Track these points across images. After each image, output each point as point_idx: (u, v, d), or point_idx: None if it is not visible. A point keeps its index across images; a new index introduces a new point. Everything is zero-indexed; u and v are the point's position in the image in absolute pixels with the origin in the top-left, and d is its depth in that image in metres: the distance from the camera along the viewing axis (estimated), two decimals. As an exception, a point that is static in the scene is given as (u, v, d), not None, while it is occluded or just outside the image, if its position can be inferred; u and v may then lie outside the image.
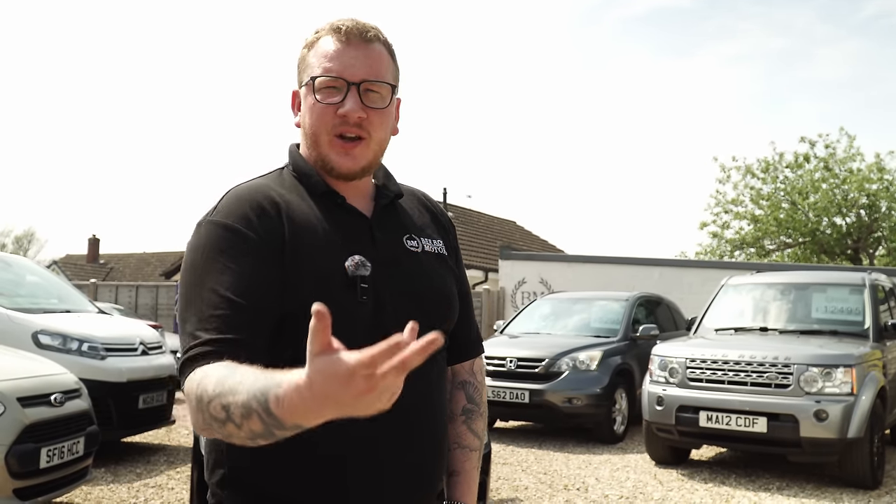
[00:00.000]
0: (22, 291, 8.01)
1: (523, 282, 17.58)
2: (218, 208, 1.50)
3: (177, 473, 7.14)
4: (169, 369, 8.00)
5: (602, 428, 9.41)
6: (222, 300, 1.38)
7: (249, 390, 1.15)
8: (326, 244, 1.48)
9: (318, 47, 1.55)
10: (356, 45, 1.53)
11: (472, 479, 1.74)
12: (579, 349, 9.64)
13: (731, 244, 30.40)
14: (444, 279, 1.65)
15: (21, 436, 4.70)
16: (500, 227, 30.42)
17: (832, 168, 28.53)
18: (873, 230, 28.72)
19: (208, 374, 1.26)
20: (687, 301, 13.28)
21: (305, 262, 1.45)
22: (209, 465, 1.54)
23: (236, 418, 1.18)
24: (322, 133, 1.53)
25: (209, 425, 1.25)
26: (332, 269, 1.46)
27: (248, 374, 1.20)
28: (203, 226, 1.49)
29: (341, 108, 1.50)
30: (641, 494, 6.87)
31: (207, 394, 1.23)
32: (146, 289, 20.68)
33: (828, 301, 8.63)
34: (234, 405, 1.17)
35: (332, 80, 1.51)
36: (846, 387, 6.92)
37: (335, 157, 1.53)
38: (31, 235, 55.50)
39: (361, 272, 1.47)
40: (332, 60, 1.52)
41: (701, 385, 7.52)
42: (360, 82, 1.51)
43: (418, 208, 1.73)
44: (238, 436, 1.21)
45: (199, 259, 1.45)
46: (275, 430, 1.14)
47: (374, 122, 1.53)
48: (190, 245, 1.49)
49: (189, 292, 1.43)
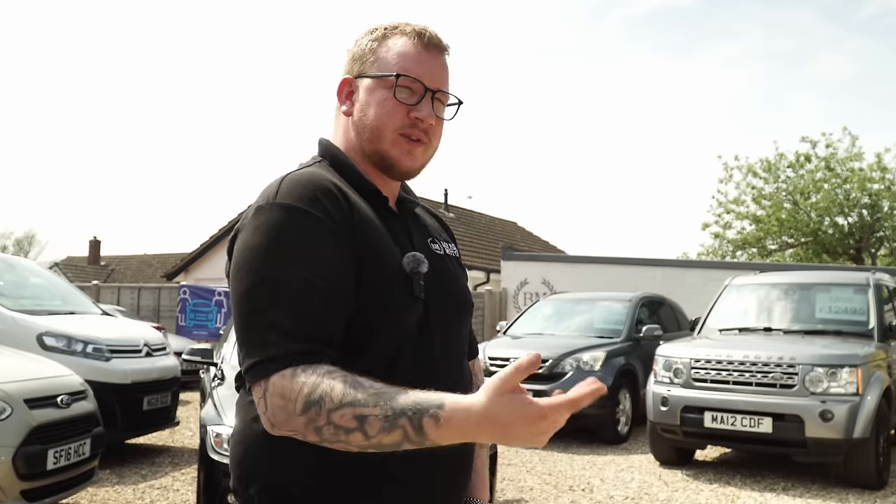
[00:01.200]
0: (26, 293, 8.01)
1: (525, 282, 17.56)
2: (281, 192, 1.40)
3: (182, 475, 7.14)
4: (173, 371, 8.01)
5: (606, 429, 9.40)
6: (306, 289, 1.33)
7: (396, 406, 1.21)
8: (384, 241, 1.48)
9: (394, 45, 1.55)
10: (434, 53, 1.56)
11: (484, 476, 1.79)
12: (583, 350, 9.64)
13: (733, 244, 30.38)
14: (464, 280, 1.71)
15: (28, 437, 4.69)
16: (502, 227, 30.39)
17: (834, 168, 28.50)
18: (875, 230, 28.69)
19: (325, 381, 1.25)
20: (689, 301, 13.27)
21: (372, 255, 1.43)
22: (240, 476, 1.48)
23: (371, 430, 1.21)
24: (388, 129, 1.52)
25: (316, 430, 1.25)
26: (394, 263, 1.47)
27: (381, 387, 1.24)
28: (270, 208, 1.39)
29: (415, 111, 1.51)
30: (646, 495, 6.87)
31: (332, 401, 1.23)
32: (148, 290, 20.66)
33: (832, 301, 8.62)
34: (374, 417, 1.21)
35: (412, 82, 1.52)
36: (851, 387, 6.91)
37: (397, 154, 1.53)
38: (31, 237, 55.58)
39: (421, 269, 1.49)
40: (414, 63, 1.53)
41: (705, 385, 7.52)
42: (437, 90, 1.54)
43: (426, 215, 1.76)
44: (355, 444, 1.24)
45: (272, 243, 1.35)
46: (407, 444, 1.22)
47: (437, 130, 1.57)
48: (255, 227, 1.38)
49: (262, 278, 1.34)
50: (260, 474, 1.45)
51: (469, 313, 1.69)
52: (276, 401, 1.27)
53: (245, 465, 1.48)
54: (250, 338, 1.33)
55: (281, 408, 1.27)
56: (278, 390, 1.27)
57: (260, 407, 1.32)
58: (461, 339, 1.63)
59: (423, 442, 1.20)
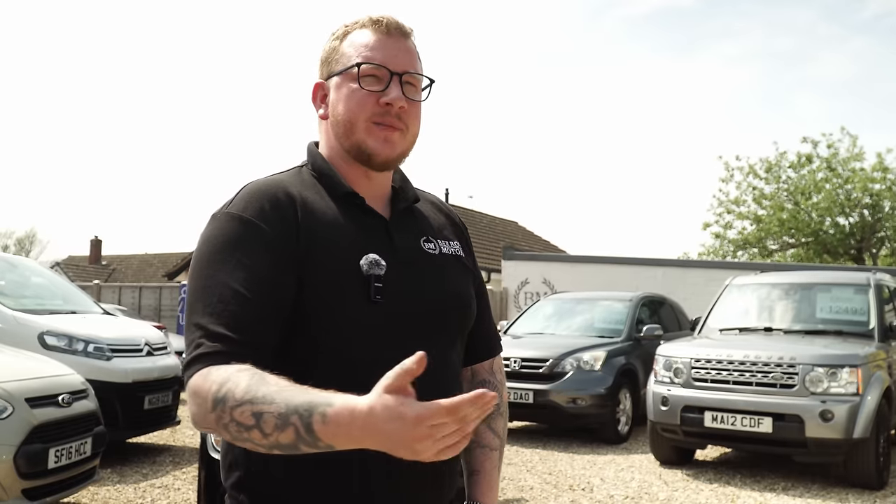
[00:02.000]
0: (27, 293, 8.02)
1: (526, 282, 17.58)
2: (234, 201, 1.48)
3: (183, 474, 7.15)
4: (174, 370, 8.01)
5: (606, 428, 9.41)
6: (235, 295, 1.36)
7: (290, 403, 1.18)
8: (342, 242, 1.47)
9: (354, 38, 1.54)
10: (396, 37, 1.54)
11: (492, 479, 1.72)
12: (583, 349, 9.65)
13: (733, 244, 30.39)
14: (461, 281, 1.64)
15: (29, 436, 4.71)
16: (503, 227, 30.40)
17: (835, 168, 28.50)
18: (876, 230, 28.69)
19: (232, 379, 1.25)
20: (690, 301, 13.28)
21: (320, 260, 1.43)
22: (225, 466, 1.53)
23: (267, 427, 1.19)
24: (360, 120, 1.50)
25: (224, 427, 1.25)
26: (347, 267, 1.45)
27: (285, 385, 1.22)
28: (218, 218, 1.46)
29: (384, 96, 1.49)
30: (647, 495, 6.87)
31: (234, 398, 1.22)
32: (149, 290, 20.68)
33: (833, 301, 8.63)
34: (269, 414, 1.19)
35: (376, 69, 1.50)
36: (852, 387, 6.92)
37: (372, 143, 1.51)
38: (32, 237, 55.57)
39: (375, 271, 1.45)
40: (375, 50, 1.51)
41: (706, 385, 7.53)
42: (403, 73, 1.51)
43: (433, 212, 1.72)
44: (257, 443, 1.22)
45: (212, 251, 1.42)
46: (303, 445, 1.18)
47: (411, 113, 1.53)
48: (203, 236, 1.46)
49: (200, 284, 1.40)
50: (238, 466, 1.49)
51: (461, 316, 1.62)
52: (195, 399, 1.29)
53: (227, 456, 1.52)
54: (186, 340, 1.39)
55: (198, 405, 1.28)
56: (194, 389, 1.30)
57: (189, 411, 1.34)
58: (445, 345, 1.56)
59: (315, 442, 1.16)
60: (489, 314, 1.80)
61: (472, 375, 1.75)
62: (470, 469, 1.73)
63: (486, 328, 1.76)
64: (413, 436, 1.07)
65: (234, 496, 1.50)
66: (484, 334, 1.75)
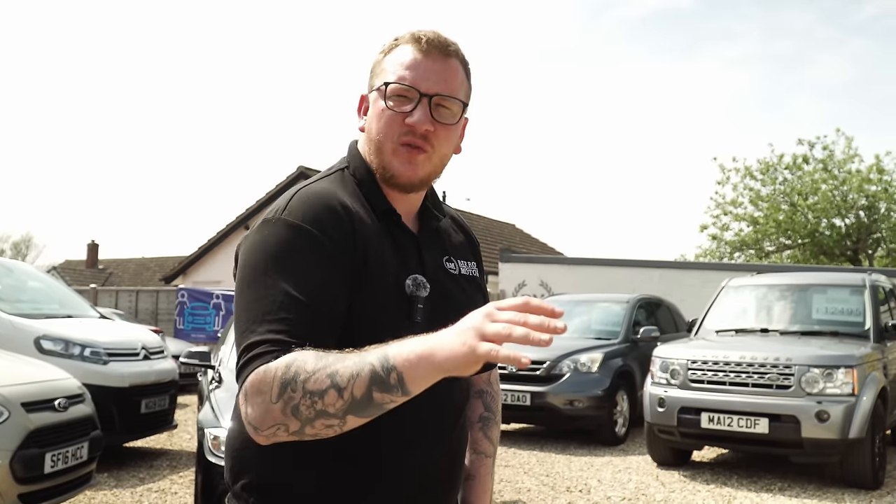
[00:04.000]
0: (24, 297, 8.02)
1: (523, 284, 17.58)
2: (290, 208, 1.44)
3: (180, 478, 7.15)
4: (171, 374, 8.02)
5: (604, 430, 9.42)
6: (293, 302, 1.34)
7: (364, 354, 1.21)
8: (389, 259, 1.48)
9: (395, 54, 1.53)
10: (434, 57, 1.51)
11: (486, 484, 1.77)
12: (580, 351, 9.66)
13: (730, 246, 30.40)
14: (476, 302, 1.65)
15: (25, 441, 4.70)
16: (500, 229, 30.42)
17: (831, 169, 28.55)
18: (872, 231, 28.73)
19: (299, 358, 1.25)
20: (687, 303, 13.29)
21: (372, 274, 1.44)
22: (233, 469, 1.53)
23: (342, 380, 1.19)
24: (387, 140, 1.50)
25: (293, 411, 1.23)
26: (394, 285, 1.46)
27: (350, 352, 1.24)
28: (273, 223, 1.43)
29: (409, 117, 1.48)
30: (644, 496, 6.88)
31: (306, 370, 1.22)
32: (146, 293, 20.67)
33: (828, 302, 8.65)
34: (344, 368, 1.20)
35: (405, 90, 1.49)
36: (847, 387, 6.93)
37: (398, 166, 1.50)
38: (29, 241, 55.47)
39: (420, 293, 1.47)
40: (409, 69, 1.49)
41: (702, 386, 7.54)
42: (433, 95, 1.49)
43: (454, 229, 1.73)
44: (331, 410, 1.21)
45: (268, 257, 1.40)
46: (377, 390, 1.18)
47: (440, 136, 1.51)
48: (256, 241, 1.43)
49: (255, 290, 1.38)
50: (246, 472, 1.50)
51: None
52: (255, 399, 1.27)
53: (235, 461, 1.53)
54: (238, 342, 1.37)
55: (259, 405, 1.26)
56: (255, 384, 1.27)
57: (243, 413, 1.31)
58: None
59: (389, 375, 1.17)
60: None
61: (469, 386, 1.79)
62: (465, 474, 1.77)
63: None
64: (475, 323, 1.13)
65: (242, 497, 1.50)
66: None
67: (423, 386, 1.18)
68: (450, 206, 1.80)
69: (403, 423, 1.44)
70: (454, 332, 1.14)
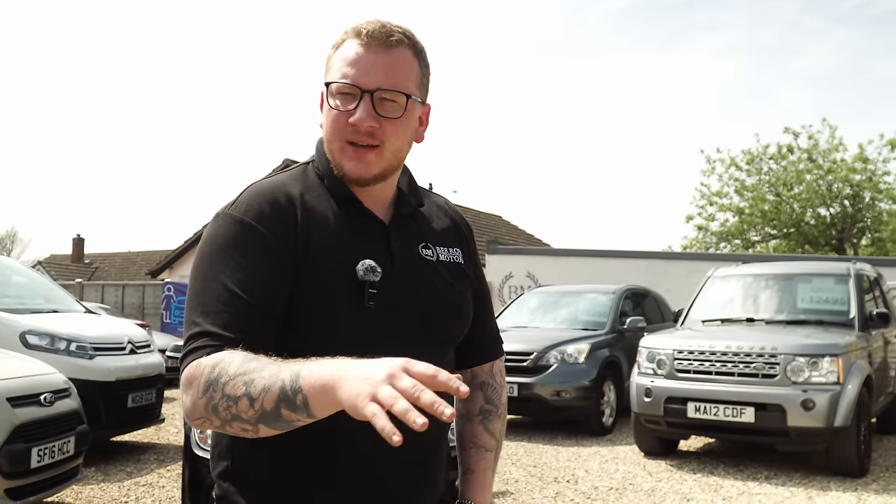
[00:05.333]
0: (8, 292, 7.97)
1: (510, 276, 17.62)
2: (237, 203, 1.49)
3: (167, 472, 7.13)
4: (157, 368, 7.99)
5: (591, 420, 9.46)
6: (232, 296, 1.38)
7: (282, 366, 1.21)
8: (340, 246, 1.48)
9: (341, 50, 1.51)
10: (375, 50, 1.48)
11: (485, 479, 1.73)
12: (567, 342, 9.68)
13: (716, 236, 30.54)
14: (456, 289, 1.64)
15: (11, 436, 4.69)
16: (487, 221, 30.43)
17: (815, 159, 28.69)
18: (857, 220, 28.91)
19: (225, 359, 1.28)
20: (673, 293, 13.34)
21: (317, 263, 1.45)
22: (213, 457, 1.57)
23: (255, 390, 1.21)
24: (335, 139, 1.50)
25: (213, 410, 1.26)
26: (343, 272, 1.46)
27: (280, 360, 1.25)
28: (221, 218, 1.48)
29: (353, 116, 1.47)
30: (631, 486, 6.91)
31: (227, 374, 1.25)
32: (132, 288, 20.61)
33: (813, 291, 8.70)
34: (260, 378, 1.21)
35: (347, 87, 1.47)
36: (832, 376, 6.98)
37: (347, 163, 1.50)
38: (13, 236, 55.07)
39: (370, 277, 1.46)
40: (351, 66, 1.48)
41: (688, 376, 7.58)
42: (374, 90, 1.47)
43: (437, 216, 1.71)
44: (244, 417, 1.23)
45: (212, 251, 1.45)
46: (285, 407, 1.19)
47: (387, 131, 1.49)
48: (206, 235, 1.48)
49: (199, 283, 1.43)
50: (224, 457, 1.54)
51: (453, 323, 1.62)
52: (187, 390, 1.32)
53: (214, 450, 1.57)
54: (184, 336, 1.42)
55: (189, 396, 1.31)
56: (188, 378, 1.32)
57: (181, 400, 1.36)
58: (435, 352, 1.54)
59: (296, 395, 1.17)
60: (491, 317, 1.81)
61: (471, 377, 1.77)
62: (464, 468, 1.75)
63: (487, 331, 1.78)
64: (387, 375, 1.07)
65: (220, 485, 1.54)
66: (484, 337, 1.77)
67: (327, 413, 1.18)
68: (438, 195, 1.79)
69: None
70: (360, 377, 1.10)
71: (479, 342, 1.75)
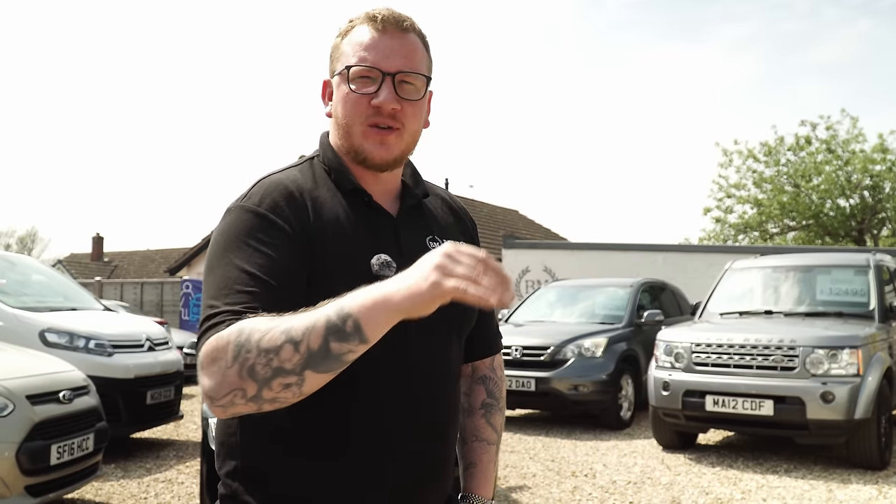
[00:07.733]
0: (28, 290, 8.04)
1: (527, 270, 17.57)
2: (249, 195, 1.47)
3: (186, 468, 7.17)
4: (176, 365, 8.04)
5: (608, 414, 9.43)
6: (250, 277, 1.35)
7: (316, 309, 1.21)
8: (353, 242, 1.47)
9: (352, 36, 1.52)
10: (392, 34, 1.51)
11: (488, 472, 1.73)
12: (584, 336, 9.66)
13: (734, 228, 30.39)
14: None
15: (31, 433, 4.73)
16: (503, 216, 30.40)
17: (834, 150, 28.47)
18: (877, 211, 28.69)
19: (250, 322, 1.24)
20: (691, 286, 13.28)
21: (332, 258, 1.44)
22: (220, 456, 1.54)
23: (297, 333, 1.19)
24: (356, 123, 1.50)
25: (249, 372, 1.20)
26: (358, 267, 1.45)
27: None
28: (233, 211, 1.46)
29: (375, 98, 1.47)
30: (649, 479, 6.89)
31: (259, 330, 1.21)
32: (151, 285, 20.73)
33: (832, 283, 8.62)
34: (299, 322, 1.20)
35: (368, 70, 1.48)
36: (852, 368, 6.92)
37: (369, 147, 1.50)
38: (34, 235, 55.63)
39: (386, 273, 1.45)
40: (368, 50, 1.49)
41: (707, 369, 7.54)
42: (396, 73, 1.48)
43: (442, 208, 1.71)
44: (287, 367, 1.19)
45: (228, 241, 1.41)
46: (334, 340, 1.18)
47: (407, 113, 1.51)
48: (219, 229, 1.46)
49: (215, 273, 1.39)
50: (234, 458, 1.51)
51: (460, 316, 1.59)
52: (210, 368, 1.25)
53: (221, 449, 1.54)
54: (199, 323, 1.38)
55: (215, 373, 1.24)
56: (210, 356, 1.25)
57: (201, 386, 1.28)
58: (447, 345, 1.58)
59: (344, 323, 1.17)
60: (492, 312, 1.81)
61: (472, 371, 1.78)
62: (466, 462, 1.74)
63: (488, 326, 1.78)
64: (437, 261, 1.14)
65: (227, 484, 1.51)
66: (486, 332, 1.77)
67: (382, 331, 1.18)
68: (438, 186, 1.79)
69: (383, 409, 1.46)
70: (413, 272, 1.15)
71: (481, 337, 1.75)
